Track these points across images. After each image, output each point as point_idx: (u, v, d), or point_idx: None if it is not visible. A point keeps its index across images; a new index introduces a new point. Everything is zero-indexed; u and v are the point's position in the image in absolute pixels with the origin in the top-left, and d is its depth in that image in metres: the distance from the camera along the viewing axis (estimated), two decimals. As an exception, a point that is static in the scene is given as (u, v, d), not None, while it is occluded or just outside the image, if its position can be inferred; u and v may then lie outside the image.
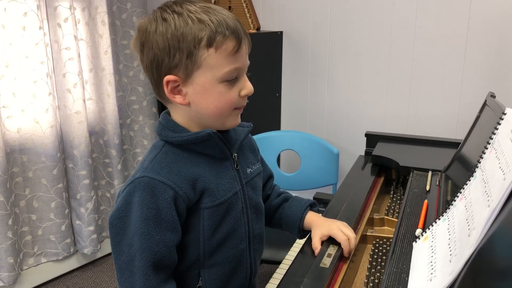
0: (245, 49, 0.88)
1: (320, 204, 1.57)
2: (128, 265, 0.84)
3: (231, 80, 0.86)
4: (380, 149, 1.51)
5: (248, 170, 1.00)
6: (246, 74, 0.90)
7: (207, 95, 0.86)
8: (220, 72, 0.84)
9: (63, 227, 2.30)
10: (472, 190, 0.85)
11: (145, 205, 0.83)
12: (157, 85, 0.89)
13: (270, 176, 1.16)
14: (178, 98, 0.88)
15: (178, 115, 0.92)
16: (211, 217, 0.90)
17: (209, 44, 0.82)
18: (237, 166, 0.96)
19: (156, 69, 0.86)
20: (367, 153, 1.59)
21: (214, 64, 0.84)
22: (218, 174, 0.92)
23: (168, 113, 0.95)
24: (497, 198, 0.68)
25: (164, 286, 0.85)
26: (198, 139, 0.89)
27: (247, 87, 0.89)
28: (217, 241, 0.92)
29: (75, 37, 2.17)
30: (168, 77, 0.85)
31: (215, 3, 2.53)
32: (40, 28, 2.05)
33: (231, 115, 0.90)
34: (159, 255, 0.84)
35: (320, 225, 1.02)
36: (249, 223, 0.98)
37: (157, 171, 0.86)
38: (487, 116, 1.10)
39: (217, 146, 0.92)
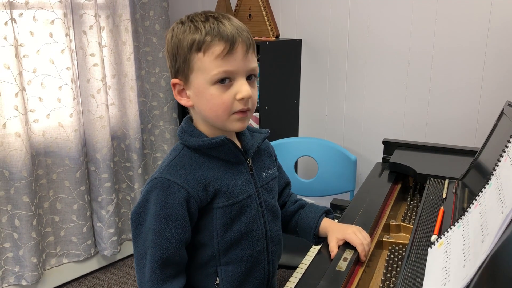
0: (242, 53, 0.90)
1: (337, 210, 1.59)
2: (143, 258, 0.92)
3: (224, 83, 0.89)
4: (398, 157, 1.52)
5: (264, 174, 1.04)
6: (249, 78, 0.93)
7: (202, 97, 0.91)
8: (208, 75, 0.89)
9: (84, 229, 2.36)
10: (487, 197, 0.86)
11: (159, 204, 0.90)
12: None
13: (288, 184, 1.19)
14: (183, 100, 0.95)
15: (196, 119, 0.99)
16: (223, 216, 0.95)
17: (198, 48, 0.88)
18: (251, 170, 1.01)
19: (170, 73, 0.96)
20: (385, 160, 1.60)
21: (203, 67, 0.89)
22: (232, 177, 0.97)
23: (191, 118, 1.01)
24: (511, 205, 0.69)
25: (170, 281, 0.91)
26: (212, 145, 0.94)
27: (243, 91, 0.90)
28: (231, 239, 0.96)
29: (99, 43, 2.23)
30: (173, 80, 0.95)
31: (235, 11, 2.58)
32: (66, 35, 2.12)
33: (230, 119, 0.92)
34: (168, 251, 0.90)
35: (336, 230, 1.05)
36: (266, 225, 1.02)
37: (173, 172, 0.92)
38: (504, 124, 1.10)
39: (231, 152, 0.97)
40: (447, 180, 1.33)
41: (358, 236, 1.00)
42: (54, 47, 2.11)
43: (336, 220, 1.14)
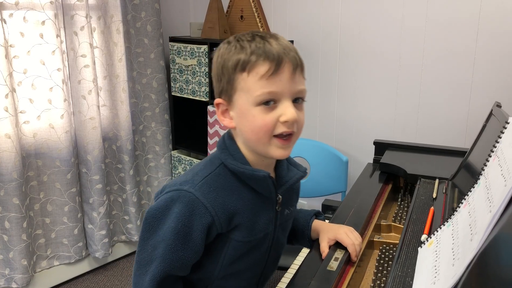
0: (288, 73, 0.84)
1: (329, 211, 1.59)
2: (146, 264, 0.88)
3: (268, 105, 0.84)
4: (388, 157, 1.53)
5: (286, 212, 1.01)
6: (296, 101, 0.87)
7: (244, 118, 0.87)
8: (252, 96, 0.84)
9: (75, 231, 2.35)
10: (476, 196, 0.87)
11: (181, 221, 0.86)
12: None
13: None
14: (226, 121, 0.91)
15: (237, 140, 0.94)
16: (236, 249, 0.92)
17: (243, 68, 0.85)
18: (278, 208, 0.97)
19: (215, 93, 0.93)
20: (376, 161, 1.61)
21: (247, 88, 0.85)
22: (258, 212, 0.93)
23: (230, 134, 0.96)
24: (498, 204, 0.70)
25: None
26: (254, 177, 0.90)
27: (288, 113, 0.84)
28: (233, 270, 0.95)
29: (91, 45, 2.22)
30: (217, 100, 0.91)
31: (227, 13, 2.58)
32: (57, 36, 2.11)
33: (272, 143, 0.87)
34: (175, 269, 0.88)
35: (327, 230, 1.05)
36: (267, 262, 1.01)
37: (205, 193, 0.87)
38: (492, 125, 1.12)
39: (268, 187, 0.93)
40: (437, 180, 1.34)
41: (349, 236, 1.01)
42: (44, 48, 2.10)
43: (327, 221, 1.15)
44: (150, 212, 0.89)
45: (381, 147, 1.63)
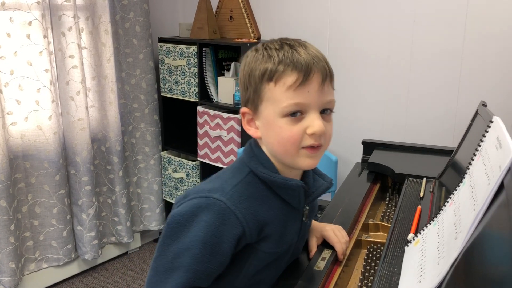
0: (316, 84, 0.82)
1: (318, 210, 1.60)
2: (167, 272, 0.82)
3: (295, 116, 0.82)
4: (376, 157, 1.54)
5: (309, 222, 1.00)
6: (325, 112, 0.85)
7: (270, 129, 0.85)
8: (279, 107, 0.82)
9: (64, 233, 2.33)
10: (461, 195, 0.87)
11: (211, 230, 0.81)
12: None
13: None
14: (251, 131, 0.89)
15: (263, 147, 0.91)
16: (262, 259, 0.89)
17: (270, 78, 0.82)
18: (305, 219, 0.95)
19: (241, 102, 0.91)
20: (364, 160, 1.61)
21: (274, 98, 0.82)
22: (286, 224, 0.90)
23: (256, 142, 0.93)
24: (482, 202, 0.70)
25: None
26: (286, 186, 0.87)
27: (315, 125, 0.82)
28: (255, 281, 0.91)
29: (79, 45, 2.21)
30: (243, 109, 0.89)
31: (216, 13, 2.58)
32: (45, 36, 2.09)
33: (300, 154, 0.84)
34: (200, 281, 0.83)
35: (315, 229, 1.05)
36: (282, 269, 0.97)
37: (236, 202, 0.83)
38: (478, 124, 1.12)
39: (298, 197, 0.90)
40: (424, 180, 1.35)
41: (336, 234, 1.01)
42: (32, 49, 2.08)
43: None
44: (174, 217, 0.84)
45: (369, 146, 1.63)
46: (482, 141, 0.90)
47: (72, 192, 2.36)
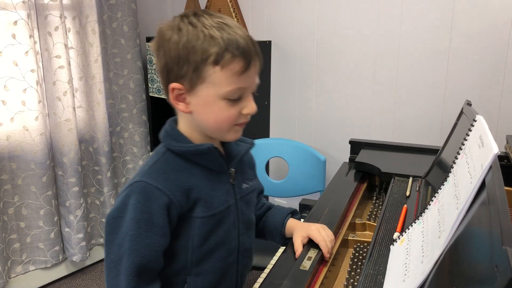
0: (254, 70, 0.88)
1: (306, 210, 1.60)
2: (116, 265, 0.86)
3: (234, 99, 0.87)
4: (363, 156, 1.54)
5: (244, 186, 1.02)
6: (254, 93, 0.91)
7: (208, 108, 0.88)
8: (222, 90, 0.85)
9: (52, 235, 2.30)
10: (445, 194, 0.88)
11: (139, 209, 0.86)
12: (166, 89, 0.91)
13: (261, 191, 1.18)
14: (181, 106, 0.90)
15: (183, 122, 0.95)
16: (202, 227, 0.92)
17: (216, 62, 0.84)
18: (233, 181, 0.98)
19: (166, 74, 0.89)
20: (351, 159, 1.62)
21: (218, 81, 0.85)
22: (213, 187, 0.94)
23: (175, 121, 0.97)
24: (464, 201, 0.71)
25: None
26: (198, 152, 0.92)
27: (250, 107, 0.89)
28: (206, 251, 0.94)
29: (66, 45, 2.19)
30: (173, 85, 0.88)
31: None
32: (31, 36, 2.07)
33: (231, 130, 0.91)
34: (146, 258, 0.86)
35: (300, 228, 1.05)
36: (239, 237, 1.00)
37: (155, 177, 0.89)
38: (463, 123, 1.13)
39: (216, 160, 0.94)
40: (411, 179, 1.35)
41: (321, 233, 1.01)
42: (17, 49, 2.05)
43: (302, 220, 1.15)
44: (109, 215, 0.89)
45: (356, 146, 1.64)
46: (466, 140, 0.91)
47: (60, 193, 2.33)
